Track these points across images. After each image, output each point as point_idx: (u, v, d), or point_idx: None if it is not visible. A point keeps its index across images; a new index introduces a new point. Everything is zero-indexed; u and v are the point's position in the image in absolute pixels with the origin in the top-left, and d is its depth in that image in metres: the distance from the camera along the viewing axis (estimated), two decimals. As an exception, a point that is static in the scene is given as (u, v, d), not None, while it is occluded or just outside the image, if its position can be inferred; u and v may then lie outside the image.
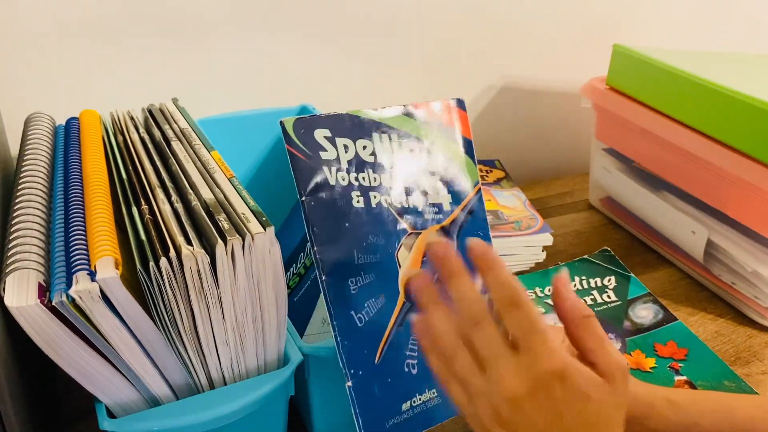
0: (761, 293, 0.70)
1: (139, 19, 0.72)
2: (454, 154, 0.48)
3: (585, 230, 0.89)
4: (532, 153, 1.07)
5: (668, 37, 1.06)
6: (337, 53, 0.84)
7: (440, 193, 0.48)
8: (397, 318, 0.45)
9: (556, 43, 0.98)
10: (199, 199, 0.44)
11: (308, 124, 0.43)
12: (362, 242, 0.44)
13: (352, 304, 0.43)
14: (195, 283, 0.40)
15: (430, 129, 0.47)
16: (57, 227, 0.43)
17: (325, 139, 0.43)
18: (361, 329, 0.43)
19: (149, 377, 0.42)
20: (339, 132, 0.44)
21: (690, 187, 0.76)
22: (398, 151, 0.46)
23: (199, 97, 0.76)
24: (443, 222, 0.48)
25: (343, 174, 0.43)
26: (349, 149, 0.44)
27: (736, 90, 0.66)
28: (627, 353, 0.65)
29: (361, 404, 0.43)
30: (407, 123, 0.46)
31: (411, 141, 0.46)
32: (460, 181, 0.48)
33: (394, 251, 0.45)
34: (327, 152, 0.43)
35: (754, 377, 0.63)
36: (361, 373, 0.43)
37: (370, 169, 0.45)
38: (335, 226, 0.43)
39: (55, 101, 0.71)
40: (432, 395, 0.47)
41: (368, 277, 0.44)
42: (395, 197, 0.46)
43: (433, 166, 0.47)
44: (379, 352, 0.44)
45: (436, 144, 0.48)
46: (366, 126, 0.45)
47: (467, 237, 0.47)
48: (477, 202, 0.49)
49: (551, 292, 0.44)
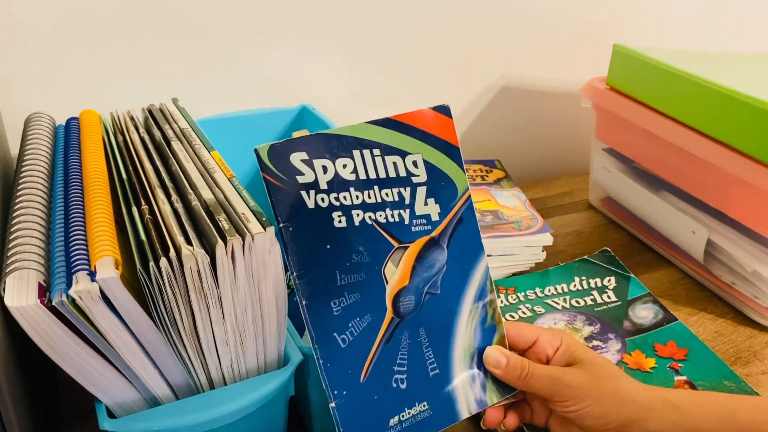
0: (761, 293, 0.70)
1: (139, 19, 0.72)
2: (440, 162, 0.47)
3: (585, 230, 0.89)
4: (532, 153, 1.07)
5: (668, 37, 1.06)
6: (337, 53, 0.84)
7: (428, 203, 0.47)
8: (384, 334, 0.45)
9: (556, 43, 0.98)
10: (199, 199, 0.44)
11: (284, 150, 0.42)
12: (345, 262, 0.43)
13: (334, 326, 0.43)
14: (195, 283, 0.40)
15: (414, 139, 0.46)
16: (57, 227, 0.43)
17: (302, 162, 0.42)
18: (345, 350, 0.43)
19: (149, 377, 0.43)
20: (316, 153, 0.43)
21: (690, 187, 0.76)
22: (381, 166, 0.45)
23: (199, 97, 0.76)
24: (432, 233, 0.47)
25: (322, 195, 0.43)
26: (328, 169, 0.43)
27: (736, 90, 0.66)
28: (627, 353, 0.65)
29: (345, 424, 0.43)
30: (389, 136, 0.45)
31: (395, 154, 0.46)
32: (447, 189, 0.48)
33: (381, 268, 0.45)
34: (304, 176, 0.42)
35: (754, 377, 0.63)
36: (345, 393, 0.43)
37: (352, 188, 0.44)
38: (315, 250, 0.42)
39: (55, 101, 0.71)
40: (423, 407, 0.46)
41: (352, 296, 0.44)
42: (380, 213, 0.45)
43: (418, 177, 0.47)
44: (364, 370, 0.44)
45: (420, 154, 0.47)
46: (345, 144, 0.44)
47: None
48: (467, 209, 0.48)
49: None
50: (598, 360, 0.48)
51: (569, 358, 0.48)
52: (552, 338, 0.50)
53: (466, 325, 0.48)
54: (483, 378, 0.49)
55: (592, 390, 0.46)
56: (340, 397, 0.43)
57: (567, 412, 0.46)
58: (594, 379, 0.46)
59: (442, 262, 0.47)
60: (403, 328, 0.46)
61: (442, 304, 0.47)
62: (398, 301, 0.45)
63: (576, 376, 0.46)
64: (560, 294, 0.73)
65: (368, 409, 0.44)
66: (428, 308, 0.46)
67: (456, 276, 0.48)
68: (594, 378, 0.46)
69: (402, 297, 0.45)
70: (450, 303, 0.48)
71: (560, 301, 0.72)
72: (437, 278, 0.47)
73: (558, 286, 0.74)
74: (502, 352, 0.49)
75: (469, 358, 0.48)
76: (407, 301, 0.46)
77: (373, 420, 0.44)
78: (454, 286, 0.48)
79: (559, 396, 0.46)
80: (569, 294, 0.73)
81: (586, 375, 0.47)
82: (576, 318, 0.69)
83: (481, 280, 0.49)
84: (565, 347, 0.49)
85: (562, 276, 0.76)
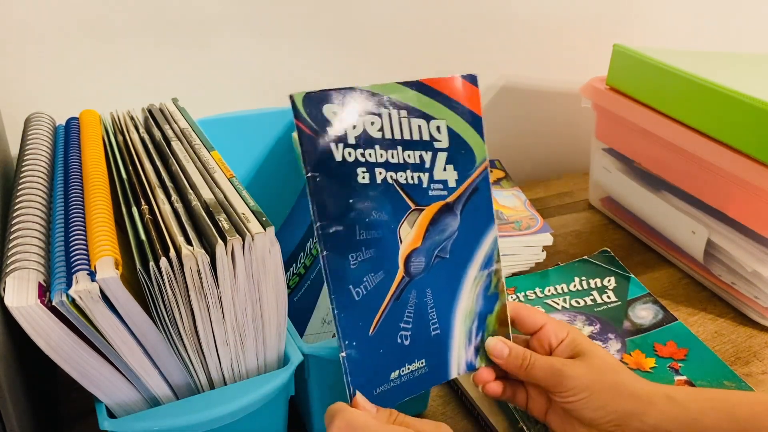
0: (761, 293, 0.70)
1: (139, 19, 0.72)
2: (463, 130, 0.49)
3: (585, 230, 0.89)
4: (532, 153, 1.07)
5: (668, 37, 1.06)
6: (337, 54, 0.84)
7: (446, 169, 0.48)
8: (394, 292, 0.46)
9: (556, 43, 0.98)
10: (199, 199, 0.44)
11: (318, 99, 0.43)
12: (365, 218, 0.44)
13: (351, 279, 0.44)
14: (195, 283, 0.40)
15: (440, 105, 0.48)
16: (57, 227, 0.43)
17: (333, 114, 0.43)
18: (358, 302, 0.44)
19: (149, 377, 0.43)
20: (348, 107, 0.44)
21: (690, 187, 0.76)
22: (406, 128, 0.46)
23: (199, 97, 0.76)
24: (447, 199, 0.48)
25: (349, 150, 0.44)
26: (358, 125, 0.44)
27: (736, 90, 0.66)
28: (627, 353, 0.65)
29: (353, 373, 0.44)
30: (417, 99, 0.47)
31: (420, 118, 0.47)
32: (467, 158, 0.49)
33: (397, 227, 0.46)
34: (335, 128, 0.43)
35: (754, 377, 0.63)
36: (355, 344, 0.44)
37: (378, 145, 0.45)
38: (339, 202, 0.43)
39: (55, 101, 0.71)
40: (421, 364, 0.48)
41: (369, 252, 0.45)
42: (401, 173, 0.46)
43: (440, 142, 0.48)
44: (374, 324, 0.45)
45: (445, 120, 0.48)
46: (376, 102, 0.45)
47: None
48: (482, 180, 0.50)
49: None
50: (600, 353, 0.48)
51: (573, 350, 0.49)
52: (559, 329, 0.50)
53: (470, 290, 0.49)
54: (478, 343, 0.50)
55: (591, 382, 0.46)
56: (351, 347, 0.44)
57: (566, 403, 0.47)
58: (594, 371, 0.47)
59: (453, 227, 0.48)
60: (412, 287, 0.47)
61: (450, 268, 0.48)
62: (410, 261, 0.46)
63: (576, 368, 0.47)
64: (560, 294, 0.73)
65: (374, 361, 0.45)
66: (436, 271, 0.48)
67: (465, 243, 0.49)
68: (594, 371, 0.47)
69: (414, 257, 0.47)
70: (457, 268, 0.49)
71: (560, 301, 0.72)
72: (448, 243, 0.48)
73: (558, 287, 0.74)
74: (504, 342, 0.50)
75: (469, 322, 0.49)
76: (418, 261, 0.47)
77: (377, 372, 0.45)
78: (462, 252, 0.49)
79: (558, 387, 0.47)
80: (569, 294, 0.73)
81: (587, 367, 0.47)
82: (576, 318, 0.69)
83: (489, 249, 0.50)
84: (569, 340, 0.49)
85: (562, 276, 0.76)
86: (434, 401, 0.60)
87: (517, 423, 0.55)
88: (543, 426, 0.53)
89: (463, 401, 0.60)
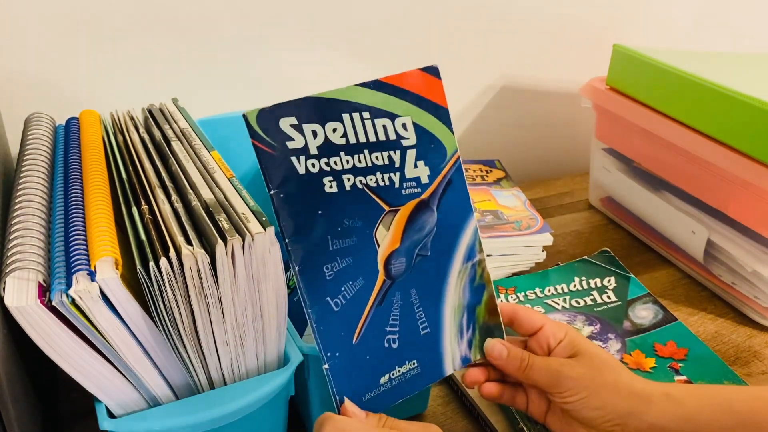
0: (761, 293, 0.70)
1: (139, 19, 0.72)
2: (429, 124, 0.47)
3: (585, 230, 0.89)
4: (532, 153, 1.07)
5: (668, 37, 1.06)
6: (337, 54, 0.84)
7: (417, 166, 0.47)
8: (376, 297, 0.45)
9: (556, 43, 0.98)
10: (199, 199, 0.44)
11: (273, 114, 0.42)
12: (337, 227, 0.43)
13: (327, 291, 0.43)
14: (195, 283, 0.40)
15: (403, 101, 0.46)
16: (57, 227, 0.43)
17: (291, 127, 0.42)
18: (338, 313, 0.44)
19: (149, 377, 0.42)
20: (305, 118, 0.42)
21: (690, 187, 0.76)
22: (371, 130, 0.45)
23: (199, 97, 0.76)
24: (422, 195, 0.47)
25: (312, 161, 0.42)
26: (318, 134, 0.43)
27: (736, 90, 0.66)
28: (627, 353, 0.65)
29: (338, 384, 0.44)
30: (378, 98, 0.45)
31: (384, 117, 0.45)
32: (437, 152, 0.48)
33: (372, 232, 0.45)
34: (294, 141, 0.42)
35: (754, 377, 0.63)
36: (338, 355, 0.44)
37: (342, 152, 0.44)
38: (307, 215, 0.42)
39: (55, 101, 0.71)
40: (413, 365, 0.47)
41: (345, 261, 0.44)
42: (370, 177, 0.45)
43: (408, 139, 0.46)
44: (357, 332, 0.44)
45: (410, 116, 0.47)
46: (334, 107, 0.44)
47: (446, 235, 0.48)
48: (456, 171, 0.49)
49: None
50: (598, 353, 0.48)
51: (571, 350, 0.49)
52: (557, 330, 0.50)
53: (456, 284, 0.49)
54: (471, 336, 0.50)
55: (590, 382, 0.46)
56: (333, 358, 0.43)
57: (564, 403, 0.47)
58: (592, 371, 0.47)
59: (432, 224, 0.48)
60: (395, 289, 0.46)
61: (433, 265, 0.48)
62: (390, 264, 0.46)
63: (574, 368, 0.47)
64: (560, 294, 0.73)
65: (360, 369, 0.45)
66: (419, 269, 0.47)
67: (445, 237, 0.48)
68: (592, 370, 0.47)
69: (393, 259, 0.46)
70: (440, 264, 0.48)
71: (560, 301, 0.72)
72: (427, 240, 0.47)
73: (558, 287, 0.74)
74: (503, 344, 0.50)
75: (459, 316, 0.49)
76: (398, 263, 0.46)
77: (365, 379, 0.45)
78: (443, 247, 0.48)
79: (556, 387, 0.47)
80: (569, 294, 0.73)
81: (585, 367, 0.47)
82: (576, 318, 0.69)
83: (470, 240, 0.49)
84: (567, 341, 0.49)
85: (562, 276, 0.76)
86: (434, 401, 0.60)
87: (517, 423, 0.55)
88: (543, 426, 0.53)
89: (463, 401, 0.60)
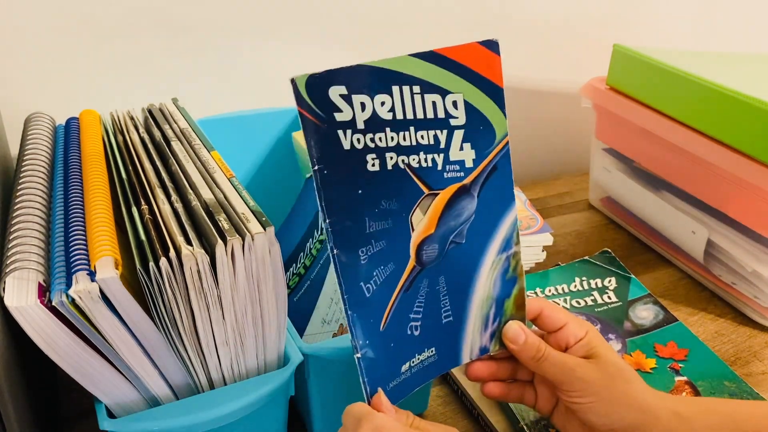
0: (761, 293, 0.70)
1: (139, 19, 0.72)
2: (481, 103, 0.44)
3: (585, 230, 0.89)
4: (532, 153, 1.07)
5: (668, 37, 1.06)
6: (337, 54, 0.84)
7: (463, 149, 0.44)
8: (404, 282, 0.43)
9: (556, 43, 0.98)
10: (199, 199, 0.44)
11: (323, 81, 0.39)
12: (374, 208, 0.41)
13: (361, 275, 0.41)
14: (195, 283, 0.40)
15: (457, 76, 0.43)
16: (57, 227, 0.43)
17: (340, 97, 0.39)
18: (369, 299, 0.41)
19: (149, 377, 0.42)
20: (356, 88, 0.40)
21: (690, 187, 0.76)
22: (419, 105, 0.42)
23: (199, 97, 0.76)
24: (464, 180, 0.44)
25: (358, 136, 0.40)
26: (366, 107, 0.40)
27: (736, 90, 0.66)
28: (627, 354, 0.65)
29: (370, 374, 0.42)
30: (431, 71, 0.42)
31: (435, 93, 0.42)
32: (485, 134, 0.45)
33: (408, 215, 0.43)
34: (342, 113, 0.39)
35: (754, 377, 0.63)
36: (368, 343, 0.41)
37: (388, 128, 0.41)
38: (348, 195, 0.40)
39: (55, 101, 0.71)
40: (431, 353, 0.45)
41: (379, 244, 0.41)
42: (413, 157, 0.42)
43: (457, 119, 0.44)
44: (384, 318, 0.42)
45: (461, 93, 0.44)
46: (386, 78, 0.41)
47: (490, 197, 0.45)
48: (503, 157, 0.46)
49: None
50: (614, 360, 0.48)
51: (588, 351, 0.48)
52: (578, 329, 0.49)
53: (488, 275, 0.47)
54: (495, 327, 0.48)
55: (601, 388, 0.46)
56: (365, 347, 0.41)
57: (572, 403, 0.47)
58: (605, 377, 0.46)
59: (470, 211, 0.45)
60: (423, 276, 0.44)
61: (466, 253, 0.46)
62: (422, 250, 0.43)
63: (588, 371, 0.46)
64: (560, 294, 0.73)
65: (386, 357, 0.43)
66: (451, 257, 0.45)
67: (483, 226, 0.46)
68: (606, 377, 0.46)
69: (426, 245, 0.44)
70: (473, 253, 0.46)
71: (560, 301, 0.72)
72: (464, 227, 0.45)
73: (558, 287, 0.74)
74: (522, 328, 0.48)
75: (486, 307, 0.47)
76: (431, 249, 0.44)
77: (389, 367, 0.43)
78: (479, 236, 0.46)
79: (567, 385, 0.46)
80: (570, 294, 0.73)
81: (599, 372, 0.46)
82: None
83: (508, 231, 0.47)
84: (587, 340, 0.49)
85: (563, 276, 0.76)
86: (434, 401, 0.60)
87: (517, 423, 0.55)
88: (543, 426, 0.53)
89: (463, 401, 0.60)
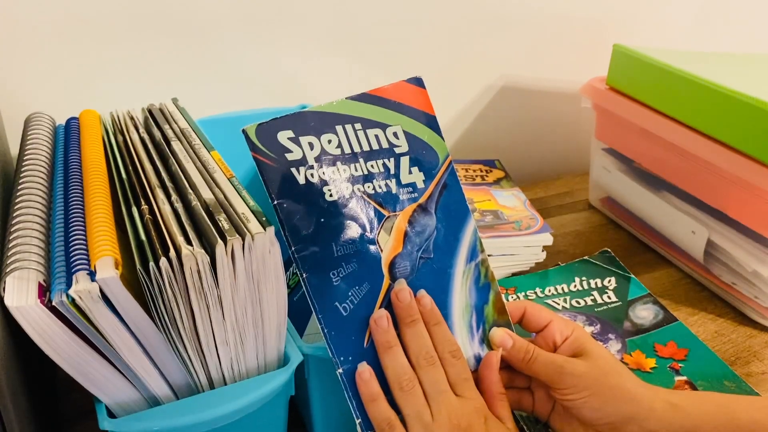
0: (761, 293, 0.70)
1: (139, 18, 0.72)
2: (419, 131, 0.50)
3: (585, 230, 0.89)
4: (532, 153, 1.07)
5: (668, 37, 1.05)
6: (336, 53, 0.84)
7: (412, 172, 0.49)
8: (383, 300, 0.47)
9: (556, 43, 0.98)
10: (199, 199, 0.44)
11: (271, 128, 0.44)
12: (340, 233, 0.45)
13: (335, 296, 0.45)
14: (195, 283, 0.40)
15: (392, 111, 0.49)
16: (57, 227, 0.43)
17: (288, 140, 0.44)
18: (347, 318, 0.45)
19: (149, 377, 0.43)
20: (302, 131, 0.45)
21: (690, 187, 0.76)
22: (364, 139, 0.47)
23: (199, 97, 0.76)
24: (419, 200, 0.49)
25: (311, 171, 0.45)
26: (315, 146, 0.45)
27: (736, 90, 0.66)
28: (627, 354, 0.65)
29: (353, 388, 0.45)
30: (369, 110, 0.48)
31: (375, 127, 0.48)
32: (429, 157, 0.50)
33: (374, 236, 0.47)
34: (292, 153, 0.44)
35: (754, 377, 0.63)
36: (350, 359, 0.45)
37: (339, 161, 0.46)
38: (310, 223, 0.44)
39: (55, 101, 0.71)
40: None
41: (350, 266, 0.45)
42: (368, 184, 0.47)
43: (400, 147, 0.49)
44: (367, 335, 0.46)
45: (399, 125, 0.49)
46: (328, 120, 0.46)
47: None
48: (450, 175, 0.51)
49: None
50: (603, 354, 0.48)
51: (576, 348, 0.49)
52: (564, 327, 0.50)
53: (461, 285, 0.50)
54: (481, 335, 0.50)
55: (593, 382, 0.46)
56: (346, 363, 0.45)
57: (565, 401, 0.47)
58: (596, 372, 0.47)
59: (431, 226, 0.49)
60: None
61: (436, 267, 0.49)
62: (394, 268, 0.47)
63: (578, 367, 0.47)
64: (560, 294, 0.73)
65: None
66: (423, 272, 0.48)
67: (446, 239, 0.50)
68: (596, 371, 0.47)
69: (397, 264, 0.47)
70: (443, 265, 0.49)
71: (560, 301, 0.72)
72: (429, 243, 0.49)
73: (558, 287, 0.74)
74: (508, 333, 0.50)
75: (467, 316, 0.50)
76: (403, 267, 0.48)
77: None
78: (445, 249, 0.50)
79: (559, 383, 0.47)
80: (569, 294, 0.73)
81: (589, 367, 0.47)
82: (576, 318, 0.70)
83: (471, 241, 0.51)
84: (574, 338, 0.49)
85: (563, 276, 0.76)
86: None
87: (516, 423, 0.55)
88: (543, 426, 0.53)
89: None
